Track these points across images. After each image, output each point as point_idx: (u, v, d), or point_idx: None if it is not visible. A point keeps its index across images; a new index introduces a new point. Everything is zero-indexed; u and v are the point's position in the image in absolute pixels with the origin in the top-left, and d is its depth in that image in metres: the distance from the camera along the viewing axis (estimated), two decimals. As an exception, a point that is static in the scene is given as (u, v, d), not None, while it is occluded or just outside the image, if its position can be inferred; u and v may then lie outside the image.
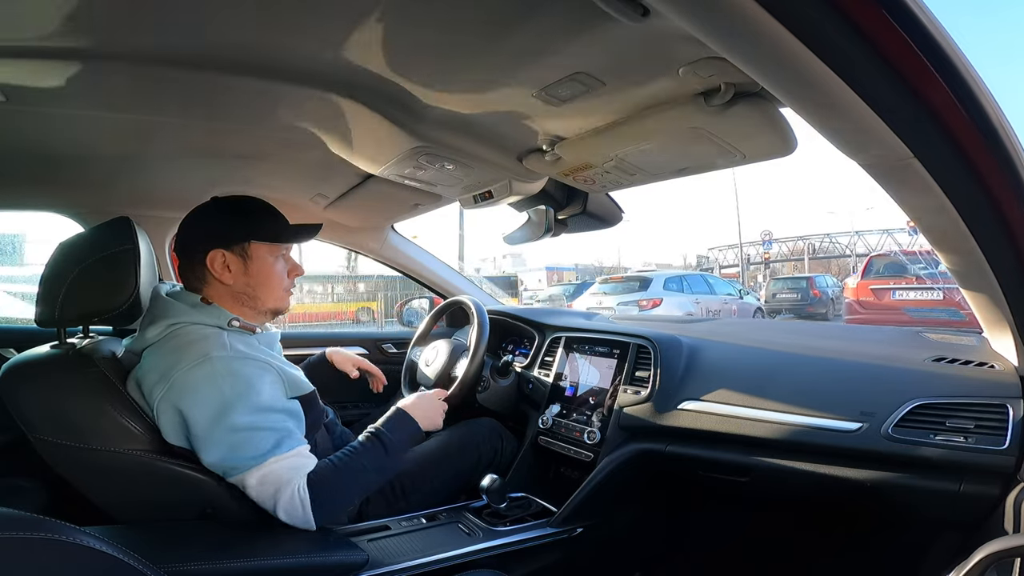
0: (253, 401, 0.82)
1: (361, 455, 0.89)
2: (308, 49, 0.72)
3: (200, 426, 0.79)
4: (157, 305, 0.88)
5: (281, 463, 0.81)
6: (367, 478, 0.90)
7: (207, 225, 0.92)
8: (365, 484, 0.91)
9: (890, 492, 0.84)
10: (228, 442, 0.79)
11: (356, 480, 0.88)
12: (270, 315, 0.97)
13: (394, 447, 0.93)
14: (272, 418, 0.83)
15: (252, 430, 0.80)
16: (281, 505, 0.80)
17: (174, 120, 0.95)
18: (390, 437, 0.93)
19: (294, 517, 0.81)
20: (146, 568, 0.43)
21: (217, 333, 0.86)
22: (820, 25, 0.43)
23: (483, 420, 1.34)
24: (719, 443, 1.01)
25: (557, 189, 1.34)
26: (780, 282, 12.60)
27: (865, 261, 6.81)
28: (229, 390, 0.80)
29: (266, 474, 0.80)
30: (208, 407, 0.79)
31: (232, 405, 0.79)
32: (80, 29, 0.66)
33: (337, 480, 0.85)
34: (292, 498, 0.80)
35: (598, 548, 1.15)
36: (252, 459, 0.80)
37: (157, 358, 0.83)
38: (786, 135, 0.77)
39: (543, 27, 0.64)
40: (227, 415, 0.79)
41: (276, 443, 0.82)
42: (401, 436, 0.95)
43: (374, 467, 0.90)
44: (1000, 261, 0.66)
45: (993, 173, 0.54)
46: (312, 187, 1.40)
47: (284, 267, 0.97)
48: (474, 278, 2.31)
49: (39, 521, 0.37)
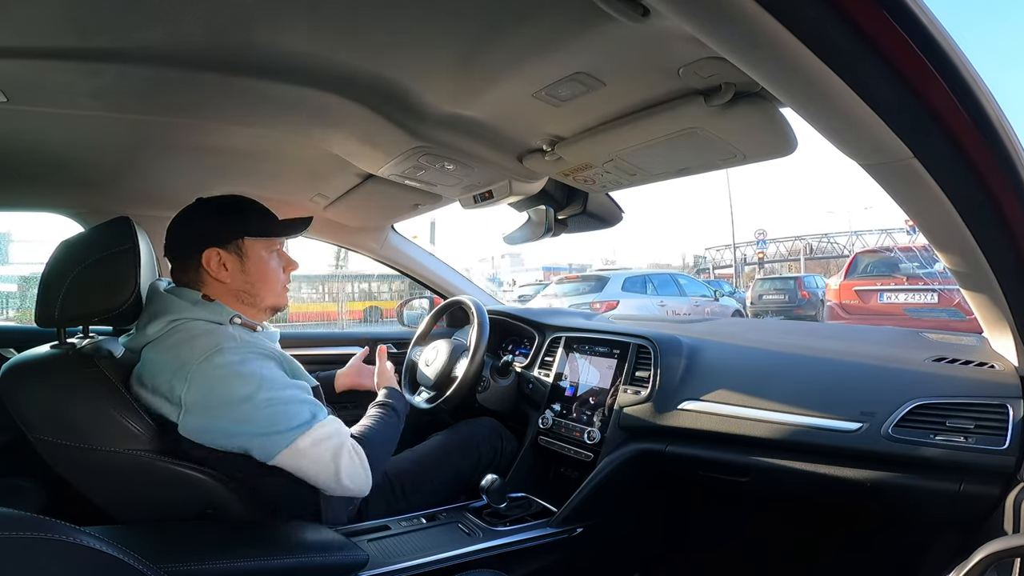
0: (278, 379, 0.83)
1: (379, 419, 0.99)
2: (308, 49, 0.72)
3: (231, 411, 0.79)
4: (157, 301, 0.87)
5: (327, 427, 0.84)
6: (392, 438, 1.01)
7: (198, 225, 0.91)
8: (392, 444, 1.02)
9: (890, 492, 0.84)
10: (266, 417, 0.80)
11: (388, 440, 0.99)
12: (269, 312, 0.96)
13: (402, 415, 1.06)
14: (300, 393, 0.85)
15: (285, 404, 0.82)
16: (343, 465, 0.83)
17: (174, 120, 0.95)
18: (400, 407, 1.06)
19: (355, 476, 0.85)
20: (146, 568, 0.43)
21: (221, 328, 0.85)
22: (820, 25, 0.43)
23: (483, 420, 1.34)
24: (719, 443, 1.01)
25: (557, 189, 1.34)
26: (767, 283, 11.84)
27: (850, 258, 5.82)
28: (250, 373, 0.80)
29: (318, 438, 0.82)
30: (236, 391, 0.79)
31: (260, 385, 0.80)
32: (81, 29, 0.66)
33: (374, 442, 0.92)
34: (351, 457, 0.85)
35: (598, 548, 1.15)
36: (298, 427, 0.81)
37: (163, 355, 0.82)
38: (786, 135, 0.77)
39: (543, 27, 0.64)
40: (257, 394, 0.79)
41: (312, 413, 0.84)
42: (402, 406, 1.07)
43: (394, 428, 1.01)
44: (1000, 261, 0.66)
45: (993, 173, 0.54)
46: (312, 187, 1.40)
47: (279, 263, 0.97)
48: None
49: (39, 521, 0.37)
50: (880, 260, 5.45)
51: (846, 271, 5.57)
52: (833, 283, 5.82)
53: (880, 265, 5.40)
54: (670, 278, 8.86)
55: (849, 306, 5.28)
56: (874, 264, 5.45)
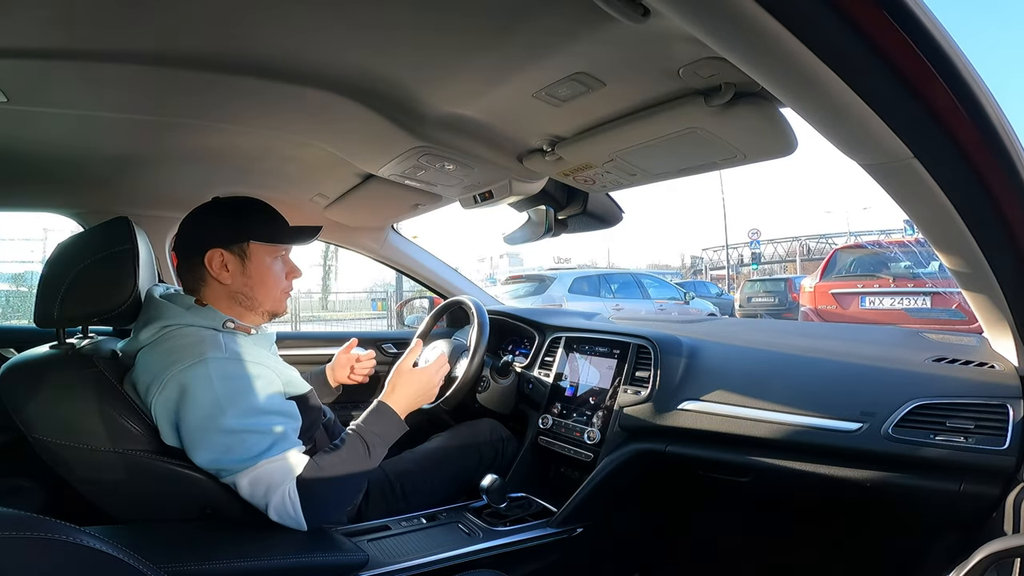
0: (247, 403, 0.81)
1: (344, 454, 0.88)
2: (308, 49, 0.72)
3: (192, 427, 0.79)
4: (151, 307, 0.88)
5: (272, 465, 0.81)
6: (353, 478, 0.89)
7: (207, 224, 0.92)
8: (353, 484, 0.91)
9: (890, 492, 0.84)
10: (220, 444, 0.79)
11: (343, 481, 0.87)
12: (267, 316, 0.96)
13: (376, 443, 0.91)
14: (265, 420, 0.83)
15: (244, 432, 0.80)
16: (272, 507, 0.80)
17: (174, 120, 0.95)
18: (371, 432, 0.92)
19: (285, 518, 0.81)
20: (146, 568, 0.42)
21: (212, 335, 0.85)
22: (820, 25, 0.43)
23: (483, 420, 1.33)
24: (719, 443, 1.01)
25: (557, 189, 1.34)
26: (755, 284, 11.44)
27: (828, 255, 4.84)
28: (223, 392, 0.80)
29: (257, 476, 0.80)
30: (201, 408, 0.79)
31: (224, 408, 0.79)
32: (81, 29, 0.66)
33: (324, 482, 0.84)
34: (283, 500, 0.80)
35: (598, 548, 1.15)
36: (243, 461, 0.80)
37: (151, 360, 0.83)
38: (786, 135, 0.77)
39: (543, 27, 0.64)
40: (219, 417, 0.79)
41: (268, 446, 0.81)
42: (383, 429, 0.94)
43: (358, 466, 0.89)
44: (1000, 261, 0.66)
45: (993, 173, 0.54)
46: (312, 187, 1.40)
47: (282, 269, 0.97)
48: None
49: (39, 521, 0.37)
50: (864, 257, 4.61)
51: (822, 270, 4.68)
52: (808, 284, 4.86)
53: (863, 263, 4.56)
54: (632, 279, 8.37)
55: (824, 312, 4.45)
56: (857, 262, 4.61)
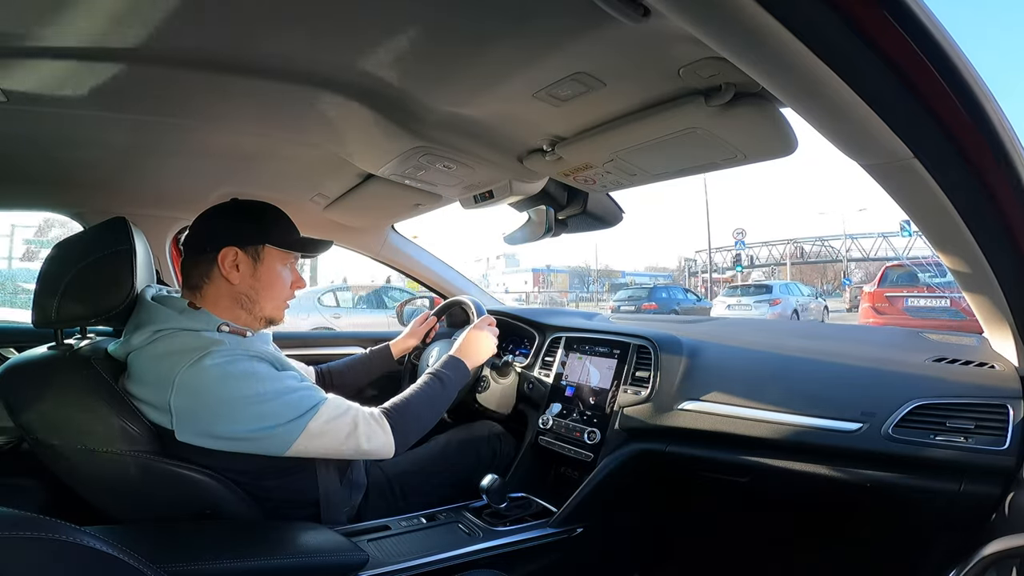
0: (272, 373, 0.84)
1: (425, 390, 1.00)
2: (308, 49, 0.72)
3: (234, 410, 0.78)
4: (143, 310, 0.86)
5: (332, 405, 0.85)
6: (432, 409, 1.00)
7: (225, 223, 0.92)
8: (429, 416, 1.00)
9: (890, 492, 0.84)
10: (271, 410, 0.80)
11: (423, 410, 0.98)
12: (264, 322, 0.95)
13: (448, 380, 1.04)
14: (296, 382, 0.86)
15: (288, 393, 0.83)
16: (361, 430, 0.85)
17: (174, 120, 0.95)
18: (444, 372, 1.05)
19: (375, 440, 0.87)
20: (146, 568, 0.42)
21: (207, 334, 0.84)
22: (820, 25, 0.43)
23: (483, 421, 1.33)
24: (719, 443, 1.01)
25: (557, 189, 1.34)
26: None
27: (881, 271, 7.64)
28: (243, 372, 0.80)
29: (330, 416, 0.84)
30: (233, 391, 0.79)
31: (257, 381, 0.80)
32: (80, 30, 0.66)
33: (407, 408, 0.95)
34: (369, 423, 0.86)
35: (598, 548, 1.15)
36: (307, 412, 0.82)
37: (147, 364, 0.81)
38: (786, 135, 0.78)
39: (543, 27, 0.64)
40: (257, 389, 0.80)
41: (314, 395, 0.85)
42: (456, 376, 1.07)
43: (434, 394, 1.01)
44: (1000, 261, 0.66)
45: (993, 173, 0.54)
46: (312, 187, 1.40)
47: (289, 277, 0.97)
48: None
49: (39, 521, 0.37)
50: (905, 272, 7.23)
51: (878, 281, 7.40)
52: (868, 288, 7.71)
53: (905, 277, 7.16)
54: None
55: (880, 307, 7.07)
56: (900, 276, 7.22)
